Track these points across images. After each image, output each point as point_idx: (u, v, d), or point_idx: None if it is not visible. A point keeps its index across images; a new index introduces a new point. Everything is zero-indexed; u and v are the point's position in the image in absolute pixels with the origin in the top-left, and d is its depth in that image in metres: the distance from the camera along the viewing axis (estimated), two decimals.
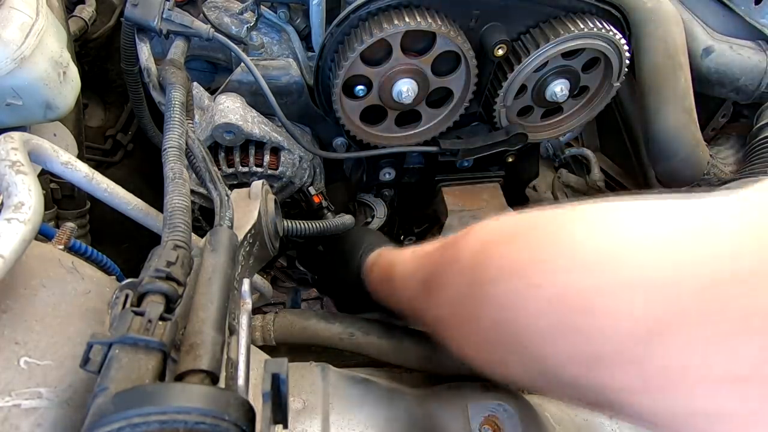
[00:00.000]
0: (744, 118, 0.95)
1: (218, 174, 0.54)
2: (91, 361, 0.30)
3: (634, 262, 0.25)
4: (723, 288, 0.21)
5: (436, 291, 0.44)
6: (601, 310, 0.26)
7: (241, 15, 0.80)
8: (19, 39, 0.52)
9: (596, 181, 1.11)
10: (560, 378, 0.31)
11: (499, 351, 0.37)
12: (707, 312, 0.21)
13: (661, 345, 0.23)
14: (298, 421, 0.49)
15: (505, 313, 0.33)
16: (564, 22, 0.71)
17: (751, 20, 0.84)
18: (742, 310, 0.20)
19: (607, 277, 0.26)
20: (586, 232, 0.29)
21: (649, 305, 0.24)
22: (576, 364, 0.29)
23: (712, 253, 0.22)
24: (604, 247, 0.28)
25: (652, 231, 0.26)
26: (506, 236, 0.36)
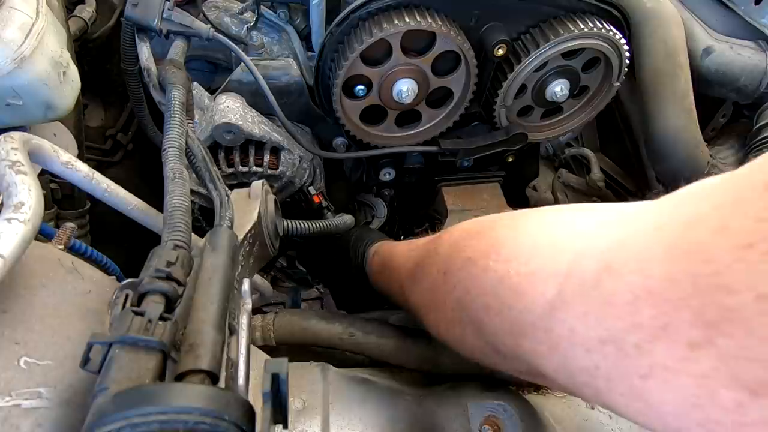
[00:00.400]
0: (744, 118, 0.95)
1: (218, 174, 0.54)
2: (91, 361, 0.30)
3: (552, 255, 0.32)
4: (599, 274, 0.27)
5: (419, 279, 0.51)
6: (526, 291, 0.33)
7: (241, 15, 0.80)
8: (19, 39, 0.52)
9: (596, 181, 1.11)
10: (500, 349, 0.38)
11: (460, 328, 0.43)
12: (588, 292, 0.28)
13: (559, 317, 0.29)
14: (298, 421, 0.49)
15: (465, 294, 0.40)
16: (564, 22, 0.71)
17: (751, 20, 0.84)
18: (610, 292, 0.26)
19: (533, 266, 0.33)
20: (526, 231, 0.37)
21: (554, 287, 0.30)
22: (508, 335, 0.35)
23: (600, 248, 0.28)
24: (532, 244, 0.35)
25: (567, 232, 0.33)
26: (473, 232, 0.43)
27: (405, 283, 0.56)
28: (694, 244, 0.23)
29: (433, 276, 0.47)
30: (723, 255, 0.21)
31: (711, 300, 0.21)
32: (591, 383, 0.28)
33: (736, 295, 0.20)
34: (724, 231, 0.21)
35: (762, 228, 0.20)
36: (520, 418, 0.51)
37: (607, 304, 0.26)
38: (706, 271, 0.21)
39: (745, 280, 0.20)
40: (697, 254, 0.22)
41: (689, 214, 0.24)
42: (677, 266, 0.23)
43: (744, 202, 0.21)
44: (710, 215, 0.23)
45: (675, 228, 0.24)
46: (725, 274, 0.21)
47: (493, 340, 0.38)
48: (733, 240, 0.21)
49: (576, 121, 0.87)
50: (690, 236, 0.23)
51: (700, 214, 0.23)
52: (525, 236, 0.36)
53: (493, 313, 0.36)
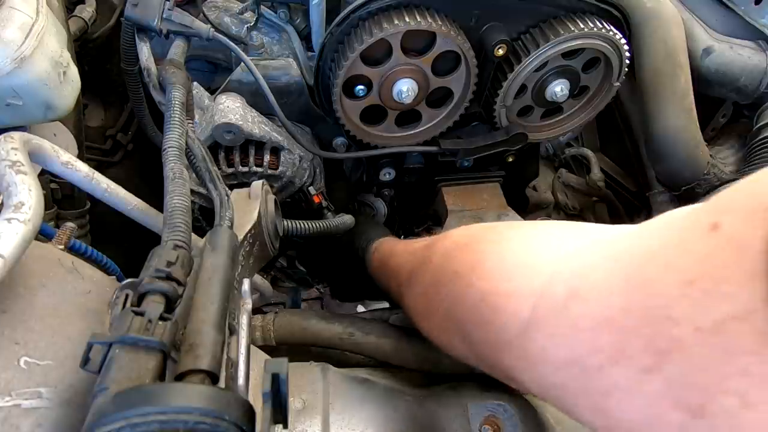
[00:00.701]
0: (744, 118, 0.95)
1: (218, 174, 0.54)
2: (91, 361, 0.30)
3: (528, 276, 0.34)
4: (567, 300, 0.30)
5: (413, 284, 0.54)
6: (504, 309, 0.35)
7: (241, 15, 0.80)
8: (19, 39, 0.52)
9: (596, 180, 1.11)
10: (483, 358, 0.41)
11: (448, 335, 0.46)
12: (558, 315, 0.30)
13: (532, 336, 0.32)
14: (298, 421, 0.49)
15: (453, 306, 0.42)
16: (564, 22, 0.71)
17: (751, 20, 0.84)
18: (576, 317, 0.28)
19: (511, 286, 0.35)
20: (508, 249, 0.39)
21: (528, 308, 0.32)
22: (490, 347, 0.38)
23: (569, 274, 0.31)
24: (513, 263, 0.37)
25: (546, 254, 0.35)
26: (462, 245, 0.45)
27: (402, 285, 0.58)
28: (647, 278, 0.25)
29: (425, 285, 0.50)
30: (670, 290, 0.23)
31: (660, 330, 0.23)
32: (561, 397, 0.31)
33: (679, 326, 0.22)
34: (670, 268, 0.24)
35: (702, 267, 0.22)
36: (520, 418, 0.51)
37: (573, 328, 0.29)
38: (656, 304, 0.24)
39: (686, 314, 0.22)
40: (649, 288, 0.24)
41: (643, 249, 0.27)
42: (632, 298, 0.25)
43: (689, 242, 0.23)
44: (660, 253, 0.25)
45: (631, 262, 0.27)
46: (671, 307, 0.23)
47: (477, 351, 0.41)
48: (678, 276, 0.23)
49: (576, 121, 0.87)
50: (643, 271, 0.26)
51: (652, 251, 0.26)
52: (506, 254, 0.39)
53: (476, 327, 0.39)
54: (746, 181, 0.23)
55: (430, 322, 0.50)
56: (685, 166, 0.82)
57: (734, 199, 0.23)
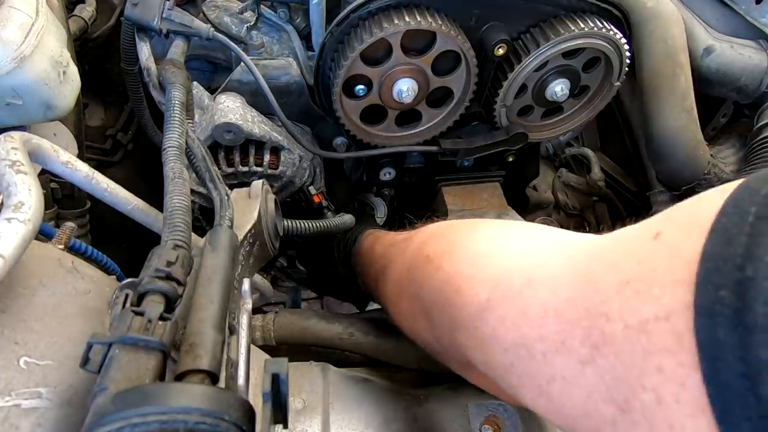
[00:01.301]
0: (745, 118, 0.95)
1: (218, 174, 0.54)
2: (91, 360, 0.30)
3: (490, 264, 0.36)
4: (521, 287, 0.31)
5: (389, 272, 0.55)
6: (465, 291, 0.37)
7: (241, 14, 0.79)
8: (19, 39, 0.52)
9: (596, 180, 1.11)
10: (441, 341, 0.43)
11: (412, 320, 0.49)
12: (511, 300, 0.32)
13: (486, 317, 0.33)
14: (298, 421, 0.49)
15: (420, 290, 0.45)
16: (564, 22, 0.71)
17: (752, 20, 0.83)
18: (526, 304, 0.30)
19: (473, 270, 0.37)
20: (477, 239, 0.41)
21: (486, 291, 0.34)
22: (448, 327, 0.39)
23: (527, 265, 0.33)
24: (480, 251, 0.39)
25: (511, 247, 0.37)
26: (437, 234, 0.48)
27: (378, 273, 0.60)
28: (592, 275, 0.26)
29: (400, 271, 0.52)
30: (608, 287, 0.24)
31: (595, 324, 0.24)
32: (506, 378, 0.32)
33: (611, 322, 0.23)
34: (613, 268, 0.25)
35: (639, 269, 0.23)
36: (520, 418, 0.51)
37: (523, 314, 0.30)
38: (596, 300, 0.25)
39: (619, 311, 0.23)
40: (592, 283, 0.26)
41: (595, 249, 0.28)
42: (576, 291, 0.27)
43: (633, 246, 0.25)
44: (607, 253, 0.27)
45: (581, 258, 0.29)
46: (607, 303, 0.24)
47: (437, 332, 0.43)
48: (617, 276, 0.24)
49: (576, 121, 0.87)
50: (590, 267, 0.27)
51: (601, 251, 0.27)
52: (475, 243, 0.41)
53: (439, 309, 0.41)
54: (693, 199, 0.24)
55: (399, 306, 0.52)
56: (686, 165, 0.82)
57: (678, 213, 0.24)
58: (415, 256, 0.48)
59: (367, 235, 0.78)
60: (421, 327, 0.47)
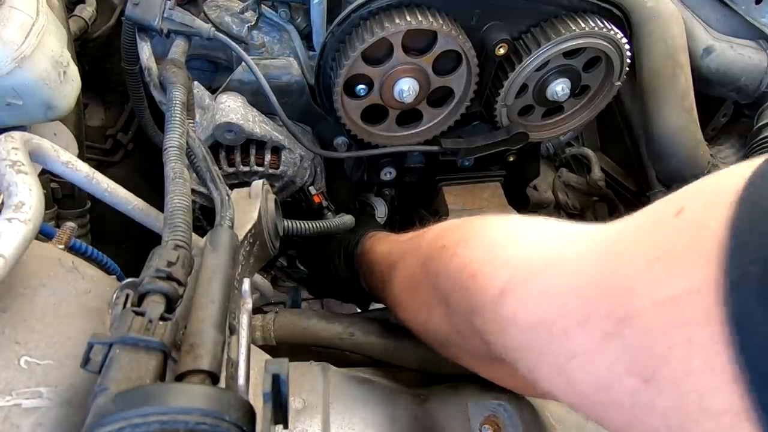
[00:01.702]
0: (745, 118, 0.95)
1: (219, 173, 0.54)
2: (91, 360, 0.30)
3: (508, 248, 0.37)
4: (543, 268, 0.32)
5: (400, 269, 0.55)
6: (483, 276, 0.37)
7: (241, 14, 0.79)
8: (19, 39, 0.52)
9: (597, 180, 1.11)
10: (459, 328, 0.43)
11: (427, 310, 0.48)
12: (531, 282, 0.32)
13: (505, 300, 0.34)
14: (299, 421, 0.49)
15: (436, 278, 0.45)
16: (565, 21, 0.71)
17: (752, 20, 0.83)
18: (548, 284, 0.31)
19: (491, 256, 0.38)
20: (490, 229, 0.42)
21: (505, 275, 0.35)
22: (465, 312, 0.39)
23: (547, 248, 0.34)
24: (496, 239, 0.40)
25: (528, 234, 0.38)
26: (452, 226, 0.48)
27: (386, 272, 0.60)
28: (617, 253, 0.27)
29: (412, 266, 0.52)
30: (636, 264, 0.25)
31: (622, 299, 0.25)
32: (524, 359, 0.33)
33: (639, 298, 0.24)
34: (639, 246, 0.26)
35: (666, 246, 0.24)
36: (520, 418, 0.51)
37: (544, 293, 0.31)
38: (622, 276, 0.26)
39: (647, 287, 0.24)
40: (617, 261, 0.27)
41: (618, 230, 0.29)
42: (601, 269, 0.28)
43: (657, 224, 0.26)
44: (631, 232, 0.28)
45: (605, 238, 0.29)
46: (635, 279, 0.25)
47: (455, 320, 0.43)
48: (645, 253, 0.25)
49: (577, 121, 0.87)
50: (614, 246, 0.28)
51: (625, 231, 0.28)
52: (492, 230, 0.42)
53: (456, 295, 0.41)
54: (713, 175, 0.25)
55: (412, 300, 0.52)
56: (686, 165, 0.82)
57: (699, 189, 0.25)
58: (430, 248, 0.48)
59: (370, 236, 0.78)
60: (437, 317, 0.47)
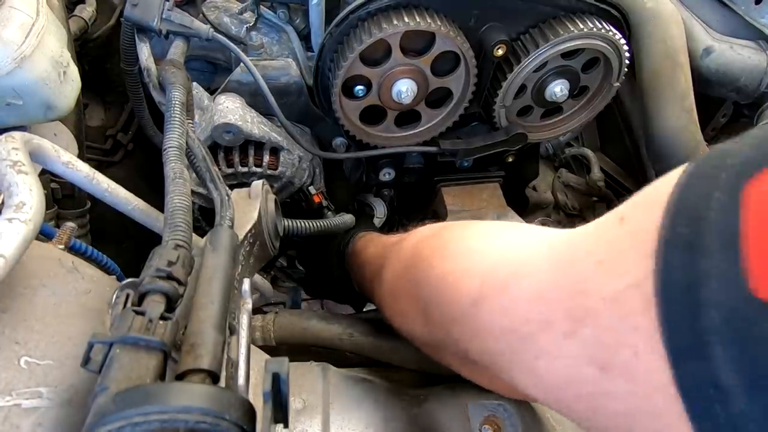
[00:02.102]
0: (744, 118, 0.95)
1: (219, 174, 0.54)
2: (91, 360, 0.30)
3: (480, 260, 0.39)
4: (508, 278, 0.34)
5: (385, 271, 0.56)
6: (458, 286, 0.39)
7: (240, 15, 0.80)
8: (19, 39, 0.52)
9: (596, 180, 1.11)
10: (437, 336, 0.45)
11: (410, 318, 0.50)
12: (500, 291, 0.34)
13: (480, 309, 0.35)
14: (299, 421, 0.49)
15: (415, 288, 0.46)
16: (563, 22, 0.71)
17: (751, 20, 0.84)
18: (514, 293, 0.33)
19: (464, 267, 0.39)
20: (465, 237, 0.44)
21: (477, 284, 0.36)
22: (444, 323, 0.41)
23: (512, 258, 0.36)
24: (471, 249, 0.41)
25: (499, 242, 0.40)
26: (431, 234, 0.50)
27: (374, 275, 0.61)
28: (569, 260, 0.30)
29: (395, 271, 0.53)
30: (585, 268, 0.28)
31: (577, 302, 0.27)
32: (499, 363, 0.35)
33: (590, 297, 0.26)
34: (588, 252, 0.28)
35: (610, 250, 0.26)
36: (520, 418, 0.51)
37: (511, 302, 0.33)
38: (575, 279, 0.28)
39: (596, 286, 0.26)
40: (570, 267, 0.29)
41: (569, 238, 0.31)
42: (558, 276, 0.30)
43: (603, 231, 0.28)
44: (581, 239, 0.30)
45: (560, 247, 0.32)
46: (585, 281, 0.27)
47: (434, 329, 0.45)
48: (593, 257, 0.27)
49: (576, 122, 0.87)
50: (567, 253, 0.30)
51: (575, 239, 0.31)
52: (466, 241, 0.43)
53: (434, 305, 0.43)
54: (654, 182, 0.26)
55: (395, 306, 0.54)
56: None
57: (638, 198, 0.27)
58: (411, 256, 0.50)
59: (360, 237, 0.78)
60: (418, 325, 0.49)
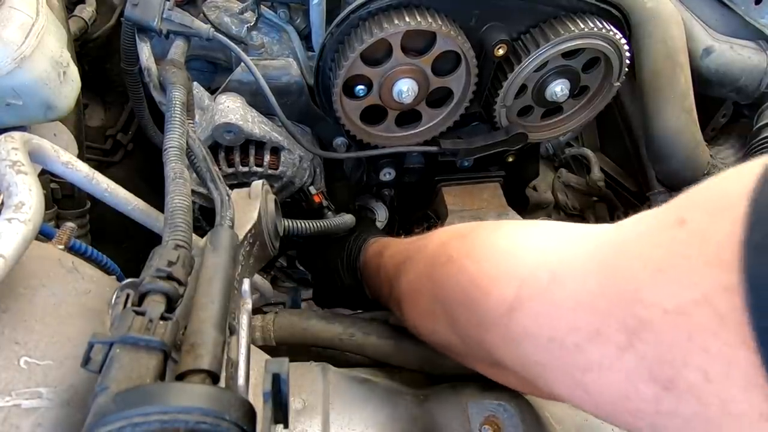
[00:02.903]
0: (744, 118, 0.95)
1: (219, 174, 0.54)
2: (92, 360, 0.30)
3: (514, 263, 0.37)
4: (549, 283, 0.32)
5: (405, 271, 0.55)
6: (491, 291, 0.37)
7: (241, 15, 0.79)
8: (19, 39, 0.52)
9: (596, 180, 1.11)
10: (467, 341, 0.43)
11: (432, 319, 0.48)
12: (540, 297, 0.32)
13: (516, 317, 0.34)
14: (299, 421, 0.49)
15: (441, 290, 0.45)
16: (564, 22, 0.71)
17: (751, 20, 0.84)
18: (556, 298, 0.31)
19: (497, 270, 0.38)
20: (500, 237, 0.42)
21: (512, 289, 0.35)
22: (475, 327, 0.40)
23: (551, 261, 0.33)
24: (501, 251, 0.39)
25: (533, 244, 0.37)
26: (459, 234, 0.47)
27: (392, 275, 0.60)
28: (620, 265, 0.27)
29: (418, 270, 0.51)
30: (640, 275, 0.25)
31: (631, 311, 0.25)
32: (542, 375, 0.33)
33: (649, 308, 0.24)
34: (642, 257, 0.26)
35: (670, 255, 0.24)
36: (520, 418, 0.51)
37: (553, 309, 0.31)
38: (628, 288, 0.26)
39: (655, 297, 0.24)
40: (622, 273, 0.27)
41: (618, 240, 0.29)
42: (606, 282, 0.28)
43: (658, 235, 0.26)
44: (632, 243, 0.28)
45: (606, 250, 0.29)
46: (641, 290, 0.25)
47: (462, 333, 0.43)
48: (649, 265, 0.25)
49: (576, 121, 0.87)
50: (618, 257, 0.28)
51: (625, 242, 0.28)
52: (498, 241, 0.41)
53: (463, 308, 0.41)
54: (714, 180, 0.24)
55: (416, 306, 0.52)
56: (685, 166, 0.82)
57: (701, 196, 0.25)
58: (436, 255, 0.48)
59: (373, 242, 0.77)
60: (441, 328, 0.47)
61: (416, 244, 0.56)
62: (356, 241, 0.81)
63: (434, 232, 0.54)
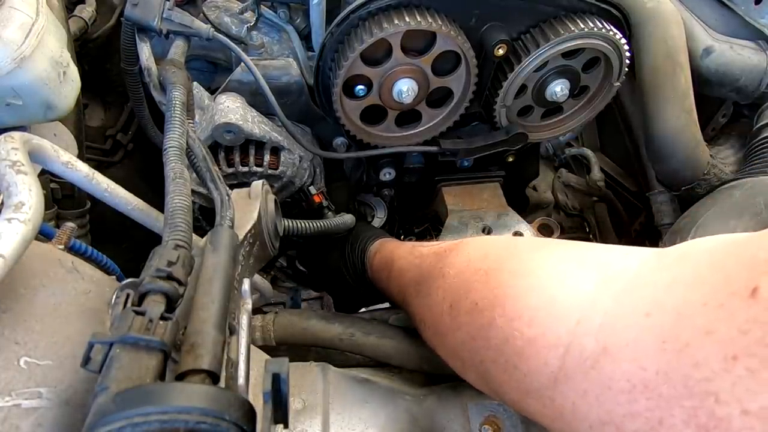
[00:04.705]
0: (744, 118, 0.95)
1: (219, 174, 0.54)
2: (92, 360, 0.30)
3: (553, 322, 0.33)
4: (598, 356, 0.29)
5: (422, 294, 0.52)
6: (530, 356, 0.34)
7: (241, 15, 0.79)
8: (19, 39, 0.52)
9: (596, 180, 1.11)
10: (505, 398, 0.40)
11: (463, 365, 0.45)
12: (588, 371, 0.29)
13: (562, 390, 0.31)
14: (298, 421, 0.49)
15: (471, 340, 0.41)
16: (564, 22, 0.71)
17: (751, 20, 0.84)
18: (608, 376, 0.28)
19: (536, 331, 0.34)
20: (531, 285, 0.37)
21: (556, 359, 0.32)
22: (514, 391, 0.37)
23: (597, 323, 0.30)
24: (539, 304, 0.35)
25: (569, 294, 0.33)
26: (479, 269, 0.43)
27: (406, 291, 0.58)
28: (684, 343, 0.24)
29: (437, 300, 0.48)
30: (711, 362, 0.22)
31: (701, 405, 0.22)
32: None
33: (724, 406, 0.21)
34: (711, 335, 0.22)
35: (745, 340, 0.21)
36: (521, 418, 0.51)
37: (606, 388, 0.28)
38: (697, 376, 0.23)
39: (732, 393, 0.21)
40: (688, 355, 0.23)
41: (679, 303, 0.25)
42: (669, 362, 0.24)
43: (728, 307, 0.22)
44: (698, 313, 0.24)
45: (665, 319, 0.26)
46: (714, 381, 0.22)
47: (498, 390, 0.40)
48: (720, 348, 0.22)
49: (576, 121, 0.87)
50: (679, 333, 0.24)
51: (688, 308, 0.24)
52: (529, 292, 0.37)
53: (499, 369, 0.37)
54: None
55: (443, 344, 0.49)
56: (685, 166, 0.82)
57: None
58: (458, 293, 0.44)
59: (380, 246, 0.75)
60: (473, 376, 0.44)
61: (430, 263, 0.53)
62: (359, 244, 0.80)
63: (449, 252, 0.50)
